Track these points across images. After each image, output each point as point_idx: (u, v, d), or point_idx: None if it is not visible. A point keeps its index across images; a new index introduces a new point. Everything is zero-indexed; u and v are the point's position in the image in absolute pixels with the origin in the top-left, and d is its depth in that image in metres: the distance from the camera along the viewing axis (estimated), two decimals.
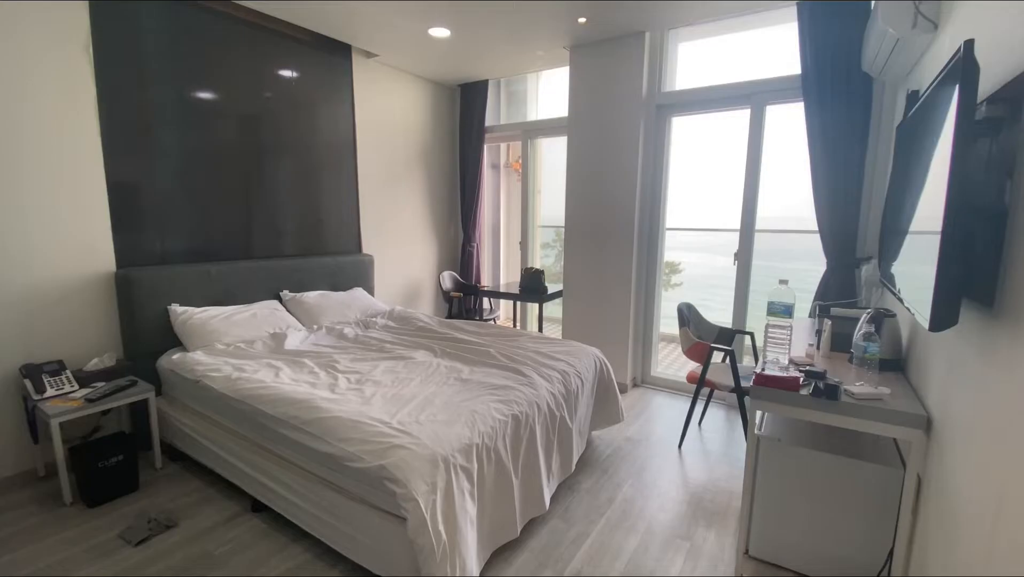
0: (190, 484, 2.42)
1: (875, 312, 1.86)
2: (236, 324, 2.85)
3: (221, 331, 2.76)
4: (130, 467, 2.33)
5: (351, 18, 3.22)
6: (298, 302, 3.30)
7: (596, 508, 2.27)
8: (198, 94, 2.94)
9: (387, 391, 2.14)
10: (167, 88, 2.80)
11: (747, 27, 3.32)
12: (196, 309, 2.80)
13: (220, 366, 2.42)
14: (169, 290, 2.76)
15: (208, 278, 2.94)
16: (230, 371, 2.36)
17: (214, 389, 2.25)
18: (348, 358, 2.61)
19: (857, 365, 1.77)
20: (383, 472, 1.56)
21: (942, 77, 1.28)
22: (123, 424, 2.70)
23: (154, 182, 2.78)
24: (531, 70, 4.41)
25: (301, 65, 3.47)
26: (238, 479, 2.19)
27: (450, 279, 4.72)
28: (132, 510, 2.20)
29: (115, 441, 2.35)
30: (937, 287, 1.05)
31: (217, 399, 2.25)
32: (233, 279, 3.07)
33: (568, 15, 3.12)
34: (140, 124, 2.70)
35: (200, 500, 2.29)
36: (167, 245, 2.87)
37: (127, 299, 2.62)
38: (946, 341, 1.40)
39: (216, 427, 2.31)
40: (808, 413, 1.65)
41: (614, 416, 2.80)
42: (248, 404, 2.09)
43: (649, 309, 3.84)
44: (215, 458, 2.30)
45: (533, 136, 4.59)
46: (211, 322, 2.76)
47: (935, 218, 1.17)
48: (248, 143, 3.21)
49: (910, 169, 1.64)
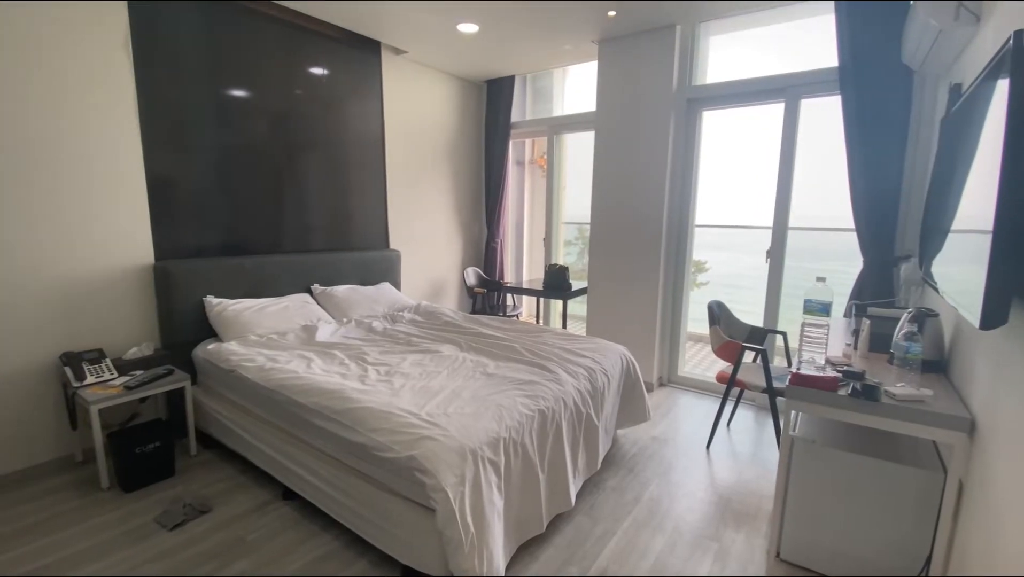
0: (223, 471, 2.49)
1: (917, 311, 1.80)
2: (269, 316, 2.92)
3: (254, 322, 2.83)
4: (166, 453, 2.41)
5: (381, 15, 3.26)
6: (328, 295, 3.36)
7: (622, 506, 2.26)
8: (232, 91, 3.02)
9: (415, 383, 2.17)
10: (203, 85, 2.88)
11: (781, 19, 3.24)
12: (230, 301, 2.88)
13: (254, 356, 2.48)
14: (204, 282, 2.84)
15: (242, 271, 3.02)
16: (263, 361, 2.42)
17: (248, 379, 2.32)
18: (377, 351, 2.65)
19: (898, 366, 1.71)
20: (413, 463, 1.58)
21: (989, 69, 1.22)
22: (159, 411, 2.80)
23: (191, 178, 2.87)
24: (558, 65, 4.39)
25: (331, 62, 3.52)
26: (270, 467, 2.25)
27: (474, 275, 4.75)
28: (167, 496, 2.27)
29: (152, 428, 2.43)
30: (988, 283, 1.01)
31: (251, 388, 2.31)
32: (265, 272, 3.15)
33: (597, 9, 3.10)
34: (177, 120, 2.78)
35: (233, 487, 2.35)
36: (203, 239, 2.95)
37: (165, 290, 2.71)
38: (993, 341, 1.35)
39: (249, 416, 2.38)
40: (846, 414, 1.60)
41: (641, 415, 2.77)
42: (281, 394, 2.14)
43: (676, 307, 3.79)
44: (248, 446, 2.36)
45: (559, 132, 4.57)
46: (245, 314, 2.84)
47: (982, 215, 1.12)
48: (279, 140, 3.29)
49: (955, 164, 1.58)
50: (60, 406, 2.49)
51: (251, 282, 3.07)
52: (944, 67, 2.42)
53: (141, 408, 2.72)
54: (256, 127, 3.16)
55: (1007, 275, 1.01)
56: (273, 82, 3.21)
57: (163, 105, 2.72)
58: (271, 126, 3.23)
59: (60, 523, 2.08)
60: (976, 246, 1.15)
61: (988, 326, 1.03)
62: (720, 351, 2.86)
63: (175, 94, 2.76)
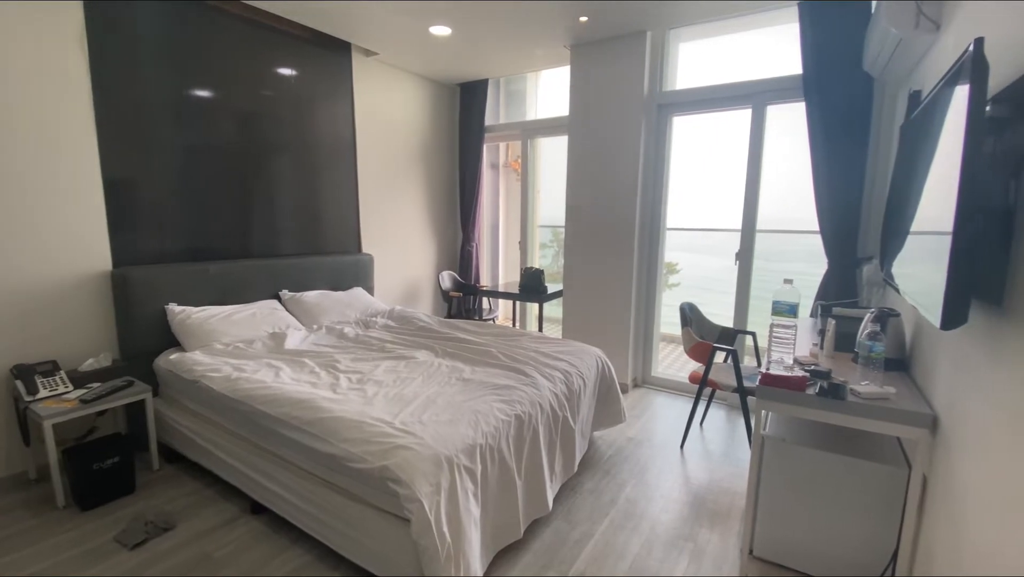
0: (188, 486, 2.39)
1: (880, 311, 1.86)
2: (235, 323, 2.82)
3: (220, 331, 2.73)
4: (126, 469, 2.30)
5: (351, 16, 3.21)
6: (298, 301, 3.28)
7: (599, 509, 2.26)
8: (196, 91, 2.91)
9: (389, 391, 2.13)
10: (165, 84, 2.77)
11: (748, 27, 3.32)
12: (194, 308, 2.78)
13: (219, 366, 2.39)
14: (166, 289, 2.73)
15: (206, 277, 2.92)
16: (229, 371, 2.34)
17: (213, 389, 2.23)
18: (349, 358, 2.59)
19: (862, 365, 1.76)
20: (386, 473, 1.54)
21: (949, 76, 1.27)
22: (119, 425, 2.67)
23: (152, 180, 2.76)
24: (531, 69, 4.40)
25: (300, 63, 3.45)
26: (237, 480, 2.17)
27: (449, 279, 4.71)
28: (128, 513, 2.17)
29: (110, 443, 2.32)
30: (948, 286, 1.05)
31: (216, 399, 2.22)
32: (232, 278, 3.04)
33: (569, 14, 3.11)
34: (137, 120, 2.67)
35: (198, 502, 2.26)
36: (164, 244, 2.84)
37: (124, 298, 2.59)
38: (953, 340, 1.40)
39: (215, 428, 2.29)
40: (814, 413, 1.64)
41: (616, 416, 2.79)
42: (248, 404, 2.07)
43: (650, 309, 3.84)
44: (214, 459, 2.28)
45: (533, 135, 4.58)
46: (210, 321, 2.74)
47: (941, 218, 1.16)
48: (247, 141, 3.19)
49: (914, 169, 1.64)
50: (12, 421, 2.35)
51: (216, 289, 2.97)
52: (904, 74, 2.52)
53: (99, 422, 2.60)
54: (222, 128, 3.06)
55: (967, 277, 1.05)
56: (240, 82, 3.12)
57: (122, 104, 2.61)
58: (238, 127, 3.14)
59: (14, 544, 1.97)
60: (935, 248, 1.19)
61: (949, 326, 1.06)
62: (692, 352, 2.90)
63: (135, 93, 2.65)
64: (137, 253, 2.73)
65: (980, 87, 1.00)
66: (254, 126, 3.22)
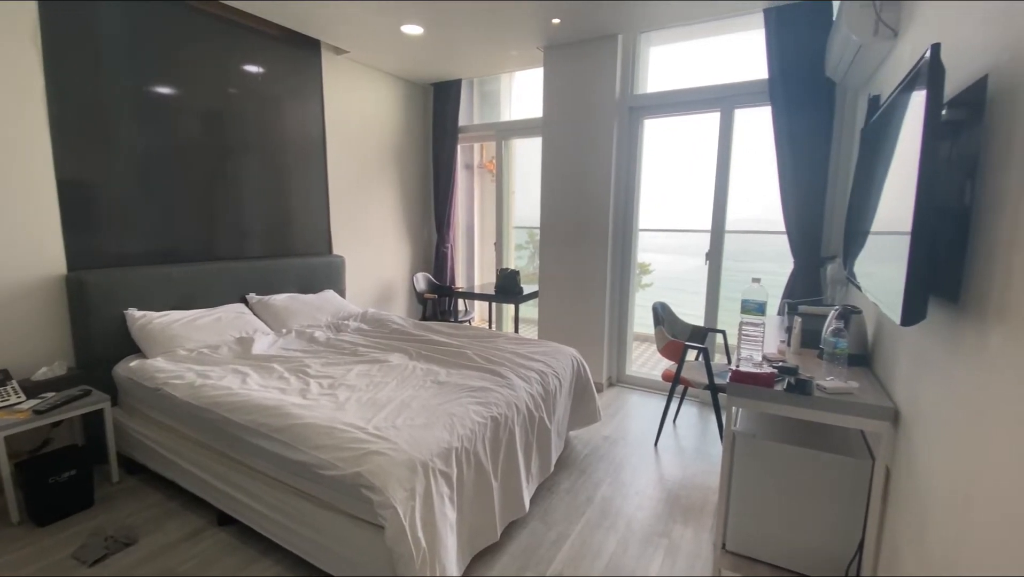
0: (150, 498, 2.30)
1: (843, 308, 1.91)
2: (200, 329, 2.73)
3: (183, 336, 2.63)
4: (84, 482, 2.20)
5: (319, 13, 3.14)
6: (266, 305, 3.19)
7: (575, 508, 2.26)
8: (158, 89, 2.81)
9: (362, 395, 2.09)
10: (125, 82, 2.66)
11: (717, 32, 3.39)
12: (156, 313, 2.67)
13: (183, 373, 2.31)
14: (126, 294, 2.62)
15: (169, 281, 2.81)
16: (193, 378, 2.25)
17: (176, 397, 2.15)
18: (320, 362, 2.53)
19: (827, 361, 1.81)
20: (359, 479, 1.51)
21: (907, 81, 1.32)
22: (76, 436, 2.54)
23: (110, 179, 2.64)
24: (505, 70, 4.40)
25: (267, 60, 3.36)
26: (203, 491, 2.09)
27: (424, 280, 4.66)
28: (87, 528, 2.07)
29: (67, 455, 2.21)
30: (908, 283, 1.08)
31: (179, 408, 2.14)
32: (196, 282, 2.94)
33: (542, 16, 3.12)
34: (94, 118, 2.56)
35: (161, 515, 2.17)
36: (124, 246, 2.72)
37: (80, 303, 2.47)
38: (912, 336, 1.46)
39: (178, 437, 2.20)
40: (782, 408, 1.68)
41: (592, 416, 2.80)
42: (214, 412, 1.99)
43: (623, 309, 3.88)
44: (177, 470, 2.19)
45: (507, 137, 4.58)
46: (172, 327, 2.64)
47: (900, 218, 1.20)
48: (212, 140, 3.09)
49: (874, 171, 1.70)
50: None
51: (179, 292, 2.86)
52: (864, 79, 2.62)
53: (54, 433, 2.47)
54: (186, 127, 2.95)
55: (925, 275, 1.08)
56: (204, 80, 3.02)
57: (79, 103, 2.49)
58: (203, 126, 3.04)
59: None
60: (895, 247, 1.23)
61: (908, 323, 1.10)
62: (665, 350, 2.94)
63: (93, 91, 2.54)
64: (94, 256, 2.60)
65: (936, 91, 1.04)
66: (219, 125, 3.12)
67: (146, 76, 2.75)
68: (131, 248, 2.75)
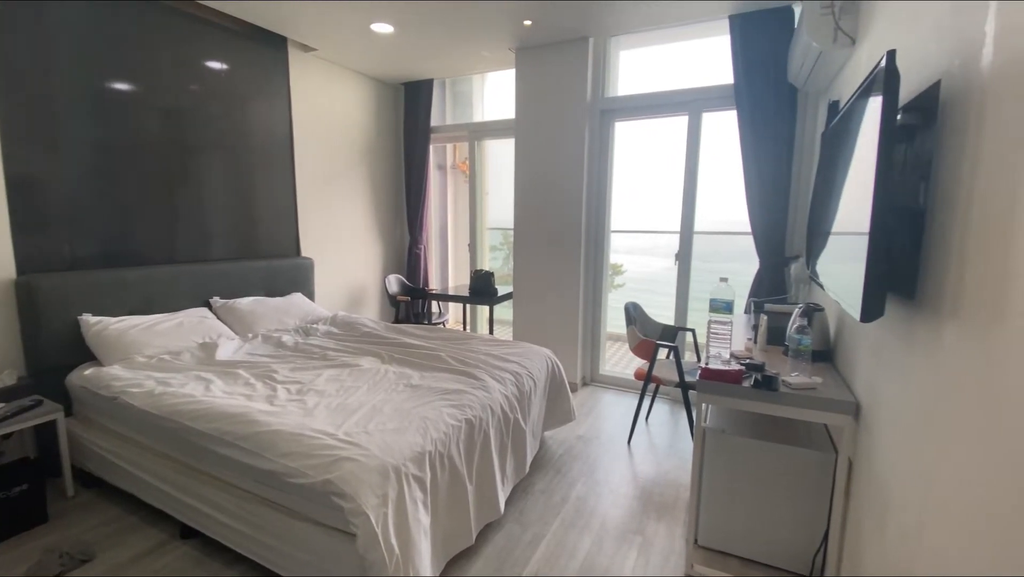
0: (108, 512, 2.19)
1: (806, 306, 1.97)
2: (160, 334, 2.62)
3: (142, 342, 2.53)
4: (36, 497, 2.08)
5: (285, 9, 3.06)
6: (230, 309, 3.09)
7: (551, 509, 2.27)
8: (114, 84, 2.68)
9: (332, 401, 2.04)
10: (79, 78, 2.54)
11: (685, 37, 3.46)
12: (112, 319, 2.55)
13: (141, 380, 2.21)
14: (80, 298, 2.50)
15: (126, 284, 2.69)
16: (153, 385, 2.16)
17: (135, 406, 2.05)
18: (288, 367, 2.47)
19: (792, 357, 1.87)
20: (329, 487, 1.47)
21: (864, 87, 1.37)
22: (27, 449, 2.40)
23: (63, 179, 2.51)
24: (477, 71, 4.38)
25: (231, 57, 3.26)
26: (164, 504, 2.01)
27: (396, 282, 4.60)
28: (41, 545, 1.96)
29: (18, 469, 2.10)
30: (866, 282, 1.12)
31: (138, 417, 2.05)
32: (155, 285, 2.82)
33: (513, 17, 3.12)
34: (46, 115, 2.43)
35: (121, 529, 2.07)
36: (78, 249, 2.59)
37: (30, 309, 2.34)
38: (871, 332, 1.51)
39: (138, 448, 2.11)
40: (750, 404, 1.72)
41: (566, 415, 2.82)
42: (175, 421, 1.92)
43: (596, 309, 3.91)
44: (137, 482, 2.10)
45: (480, 137, 4.56)
46: (130, 332, 2.53)
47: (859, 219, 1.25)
48: (172, 138, 2.97)
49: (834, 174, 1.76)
50: None
51: (138, 297, 2.74)
52: (824, 85, 2.71)
53: (4, 447, 2.32)
54: (144, 124, 2.83)
55: (883, 273, 1.12)
56: (164, 75, 2.90)
57: (30, 99, 2.37)
58: (162, 123, 2.92)
59: None
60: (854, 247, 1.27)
61: (868, 319, 1.14)
62: (637, 349, 2.98)
63: (44, 86, 2.41)
64: (45, 259, 2.47)
65: (892, 96, 1.08)
66: (180, 122, 3.01)
67: (101, 72, 2.62)
68: (85, 250, 2.62)
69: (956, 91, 1.02)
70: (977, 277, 0.87)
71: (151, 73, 2.84)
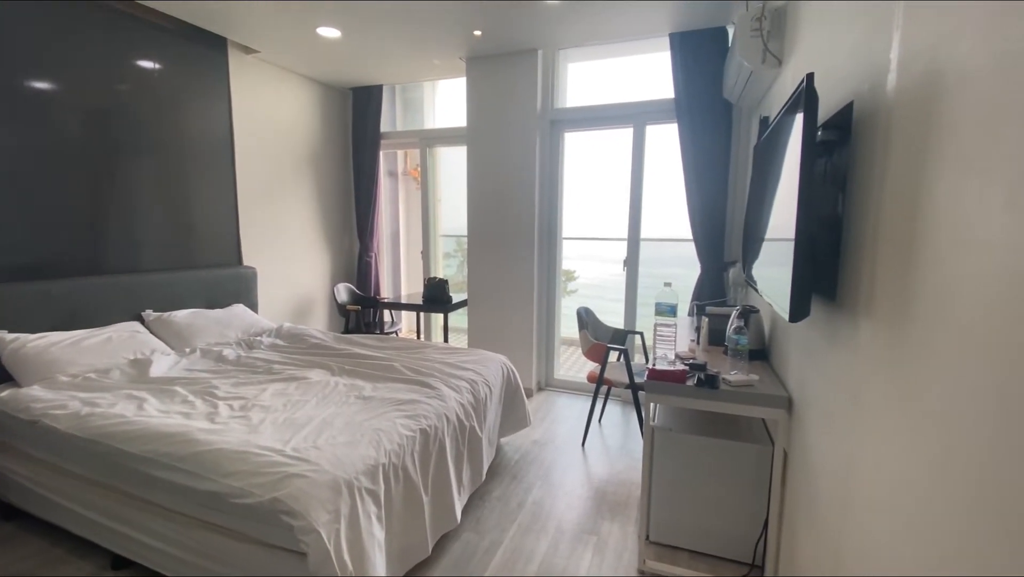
0: (29, 546, 2.01)
1: (743, 308, 2.10)
2: (85, 351, 2.44)
3: (65, 360, 2.34)
4: None
5: (222, 9, 2.94)
6: (165, 322, 2.91)
7: (507, 515, 2.28)
8: (29, 83, 2.49)
9: (278, 416, 1.96)
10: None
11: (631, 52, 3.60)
12: (30, 336, 2.35)
13: (65, 401, 2.04)
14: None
15: (47, 298, 2.49)
16: (79, 407, 2.00)
17: (58, 430, 1.90)
18: (229, 383, 2.35)
19: (731, 356, 1.98)
20: (277, 505, 1.42)
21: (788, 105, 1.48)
22: None
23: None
24: (428, 78, 4.37)
25: (165, 56, 3.09)
26: (94, 534, 1.86)
27: (346, 291, 4.49)
28: None
29: None
30: (793, 284, 1.21)
31: (63, 441, 1.89)
32: (80, 298, 2.63)
33: (463, 27, 3.15)
34: None
35: (44, 563, 1.91)
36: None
37: None
38: (800, 331, 1.63)
39: (62, 475, 1.94)
40: (694, 402, 1.81)
41: (522, 421, 2.84)
42: (104, 444, 1.78)
43: (550, 315, 3.97)
44: (62, 512, 1.94)
45: (431, 144, 4.55)
46: (51, 350, 2.33)
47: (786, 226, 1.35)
48: (98, 140, 2.78)
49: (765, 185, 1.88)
50: None
51: (60, 311, 2.54)
52: (755, 101, 2.90)
53: None
54: (66, 125, 2.64)
55: (808, 276, 1.22)
56: (87, 74, 2.72)
57: None
58: (86, 124, 2.73)
59: None
60: (783, 252, 1.37)
61: (795, 319, 1.23)
62: (589, 353, 3.05)
63: None
64: None
65: (812, 115, 1.18)
66: (106, 124, 2.82)
67: (14, 69, 2.43)
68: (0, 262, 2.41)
69: (866, 111, 1.13)
70: (886, 278, 0.96)
71: (74, 71, 2.66)
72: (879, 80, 1.06)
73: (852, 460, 1.09)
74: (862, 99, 1.16)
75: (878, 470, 0.95)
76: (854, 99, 1.21)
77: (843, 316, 1.21)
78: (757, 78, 2.42)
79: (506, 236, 3.79)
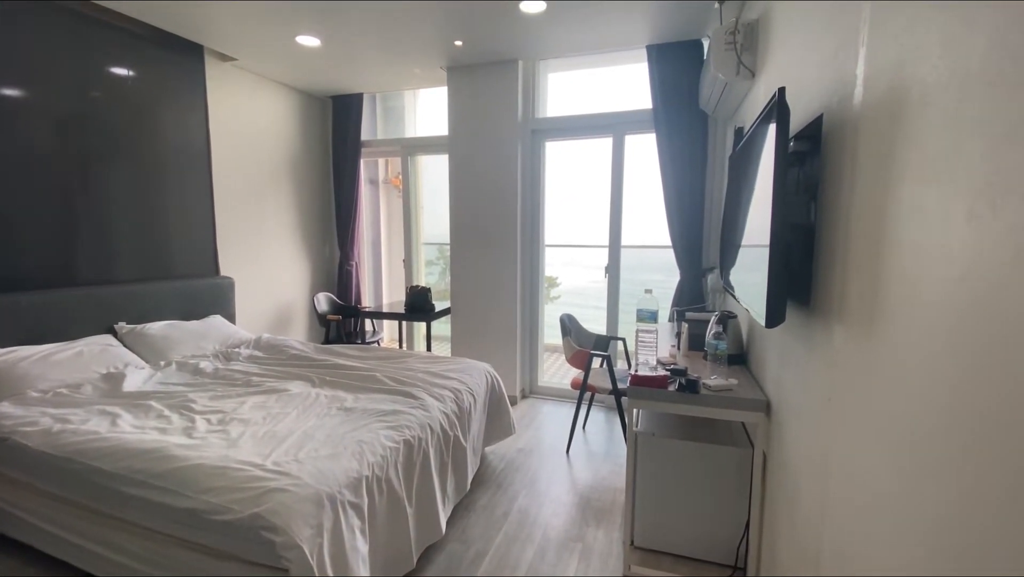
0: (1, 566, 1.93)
1: (721, 314, 2.14)
2: (56, 365, 2.36)
3: (35, 375, 2.26)
4: None
5: (197, 15, 2.91)
6: (139, 335, 2.84)
7: (493, 524, 2.27)
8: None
9: (258, 430, 1.93)
10: None
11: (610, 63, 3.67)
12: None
13: (36, 418, 1.98)
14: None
15: (15, 311, 2.41)
16: (50, 423, 1.94)
17: (29, 447, 1.83)
18: (207, 396, 2.30)
19: (711, 361, 2.01)
20: (258, 521, 1.39)
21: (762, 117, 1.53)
22: None
23: None
24: (409, 87, 4.38)
25: (139, 63, 3.04)
26: (66, 554, 1.80)
27: (326, 301, 4.44)
28: None
29: None
30: (769, 291, 1.25)
31: (34, 459, 1.82)
32: (50, 311, 2.55)
33: (444, 37, 3.16)
34: None
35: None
36: None
37: None
38: (776, 336, 1.67)
39: (33, 494, 1.87)
40: (675, 407, 1.83)
41: (507, 429, 2.83)
42: (77, 461, 1.73)
43: (534, 322, 3.99)
44: (35, 532, 1.86)
45: (413, 153, 4.54)
46: (20, 365, 2.26)
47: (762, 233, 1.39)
48: (69, 149, 2.72)
49: (740, 193, 1.93)
50: None
51: (29, 324, 2.46)
52: (730, 112, 2.97)
53: None
54: (34, 133, 2.57)
55: (783, 283, 1.26)
56: (58, 81, 2.65)
57: None
58: (58, 133, 2.66)
59: None
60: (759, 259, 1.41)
61: (772, 325, 1.26)
62: (572, 360, 3.07)
63: None
64: None
65: (784, 127, 1.22)
66: (78, 132, 2.76)
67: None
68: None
69: (835, 124, 1.17)
70: (856, 284, 1.00)
71: (43, 78, 2.59)
72: (847, 94, 1.10)
73: (828, 461, 1.12)
74: (831, 112, 1.21)
75: (852, 471, 0.98)
76: (824, 112, 1.26)
77: (817, 321, 1.24)
78: (731, 90, 2.48)
79: (489, 243, 3.80)
